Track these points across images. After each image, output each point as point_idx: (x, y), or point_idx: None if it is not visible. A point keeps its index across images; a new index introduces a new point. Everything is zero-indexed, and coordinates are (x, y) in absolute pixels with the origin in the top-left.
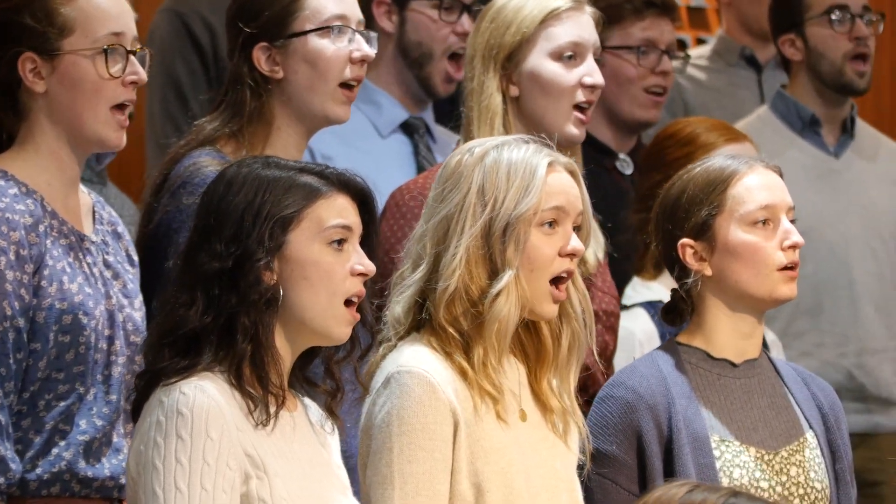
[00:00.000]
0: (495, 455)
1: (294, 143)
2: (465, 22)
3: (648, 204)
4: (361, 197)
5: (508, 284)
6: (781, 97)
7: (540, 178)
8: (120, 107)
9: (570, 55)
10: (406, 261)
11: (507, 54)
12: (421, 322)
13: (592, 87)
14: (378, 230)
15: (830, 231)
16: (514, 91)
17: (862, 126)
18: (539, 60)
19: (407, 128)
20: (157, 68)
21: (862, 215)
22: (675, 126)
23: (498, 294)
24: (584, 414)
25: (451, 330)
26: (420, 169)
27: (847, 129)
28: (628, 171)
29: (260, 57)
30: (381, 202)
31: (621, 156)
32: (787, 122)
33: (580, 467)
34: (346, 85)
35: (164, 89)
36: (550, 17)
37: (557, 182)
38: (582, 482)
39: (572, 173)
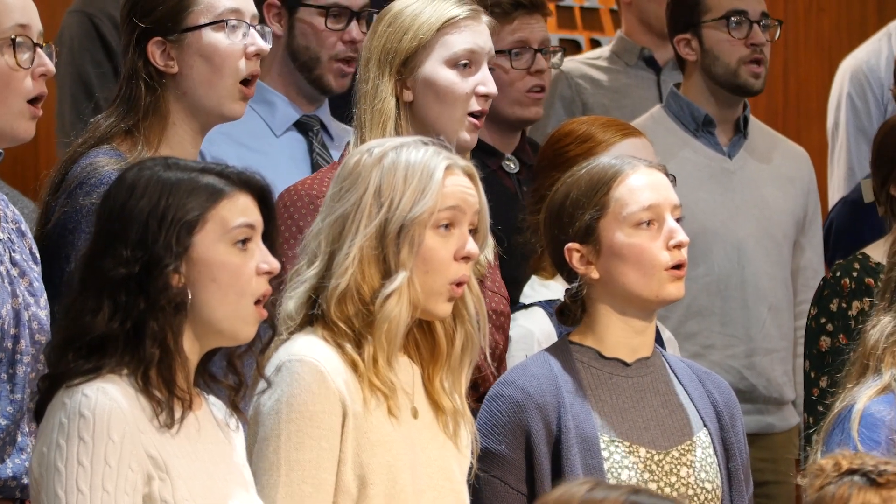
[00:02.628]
0: (381, 449)
1: (189, 138)
2: (354, 29)
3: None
4: (261, 194)
5: (401, 286)
6: (675, 97)
7: (437, 180)
8: (33, 100)
9: (465, 63)
10: (302, 257)
11: (402, 59)
12: (313, 317)
13: (486, 96)
14: (278, 226)
15: (723, 231)
16: (407, 96)
17: (755, 125)
18: (434, 67)
19: (301, 126)
20: (67, 69)
21: (755, 215)
22: (569, 125)
23: (389, 295)
24: (475, 413)
25: (343, 326)
26: (315, 166)
27: (740, 129)
28: (514, 169)
29: (155, 52)
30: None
31: (507, 155)
32: (680, 122)
33: (470, 469)
34: (243, 81)
35: (74, 89)
36: (448, 25)
37: (454, 184)
38: (470, 485)
39: (470, 176)
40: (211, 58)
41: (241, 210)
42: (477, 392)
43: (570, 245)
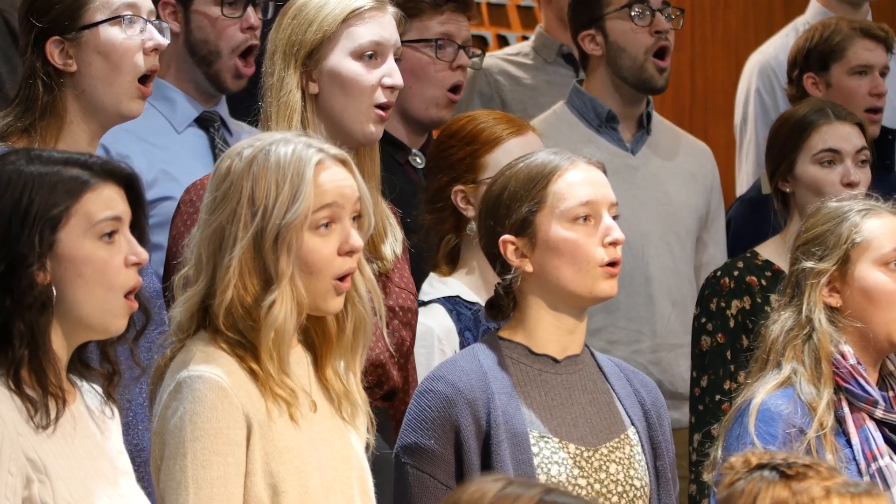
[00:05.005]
0: (290, 454)
1: (86, 138)
2: (251, 16)
3: (437, 206)
4: (127, 182)
5: (282, 293)
6: (578, 93)
7: (308, 181)
8: None
9: (370, 55)
10: (187, 263)
11: (307, 52)
12: (207, 323)
13: (392, 88)
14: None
15: (627, 227)
16: (313, 88)
17: (659, 121)
18: (339, 59)
19: (202, 122)
20: None
21: (658, 211)
22: (457, 123)
23: (271, 305)
24: (382, 407)
25: (236, 337)
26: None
27: (643, 125)
28: (421, 165)
29: (53, 51)
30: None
31: (414, 150)
32: (583, 117)
33: (367, 449)
34: (142, 78)
35: None
36: (352, 17)
37: (328, 179)
38: (371, 462)
39: (344, 163)
40: (109, 54)
41: (105, 202)
42: (382, 389)
43: (505, 237)
